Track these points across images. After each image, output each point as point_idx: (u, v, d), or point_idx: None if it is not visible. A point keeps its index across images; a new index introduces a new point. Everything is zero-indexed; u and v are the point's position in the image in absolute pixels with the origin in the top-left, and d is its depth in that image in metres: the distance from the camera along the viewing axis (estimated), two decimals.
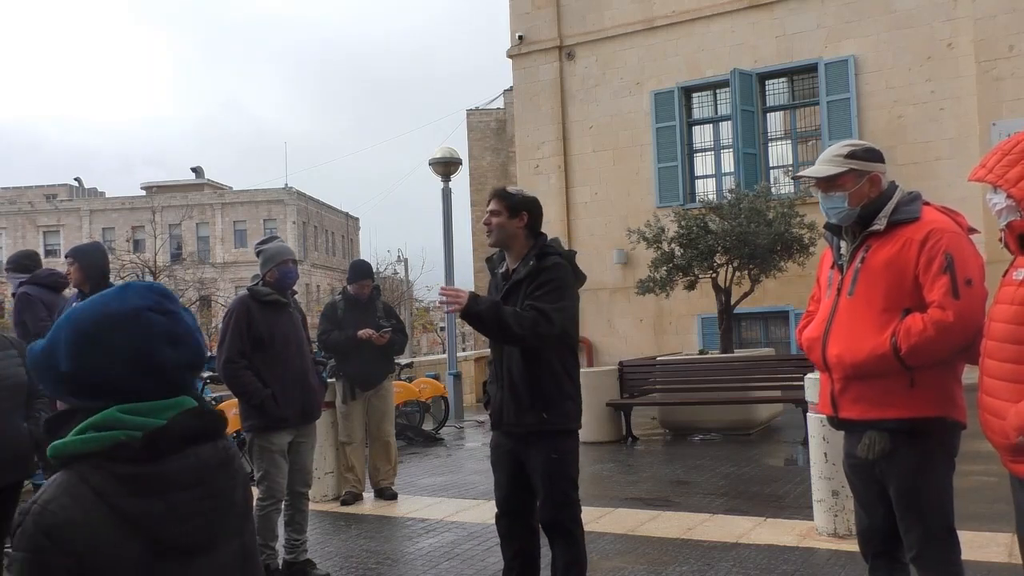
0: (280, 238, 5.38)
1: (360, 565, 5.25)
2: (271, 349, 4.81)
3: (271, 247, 5.01)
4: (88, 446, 1.43)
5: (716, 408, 9.71)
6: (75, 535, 1.38)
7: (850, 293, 2.93)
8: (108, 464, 1.42)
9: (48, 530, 1.37)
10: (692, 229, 10.73)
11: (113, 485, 1.41)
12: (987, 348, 2.56)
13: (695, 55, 14.84)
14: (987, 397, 2.55)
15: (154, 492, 1.44)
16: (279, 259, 4.93)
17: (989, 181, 2.53)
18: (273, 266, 4.92)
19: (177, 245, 51.59)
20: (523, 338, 3.54)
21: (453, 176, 13.08)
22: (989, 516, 5.14)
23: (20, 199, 56.38)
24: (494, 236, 3.73)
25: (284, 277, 4.94)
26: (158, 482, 1.45)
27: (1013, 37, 12.34)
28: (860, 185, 2.95)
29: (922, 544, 2.87)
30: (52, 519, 1.37)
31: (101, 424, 1.45)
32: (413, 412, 10.81)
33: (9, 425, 3.94)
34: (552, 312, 3.53)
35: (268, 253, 4.95)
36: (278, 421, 4.78)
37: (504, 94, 27.47)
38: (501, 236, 3.72)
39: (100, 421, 1.45)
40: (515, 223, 3.70)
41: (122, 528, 1.41)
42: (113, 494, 1.41)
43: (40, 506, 1.39)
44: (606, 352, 15.20)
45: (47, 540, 1.36)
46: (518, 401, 3.65)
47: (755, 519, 5.68)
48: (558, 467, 3.65)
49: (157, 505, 1.44)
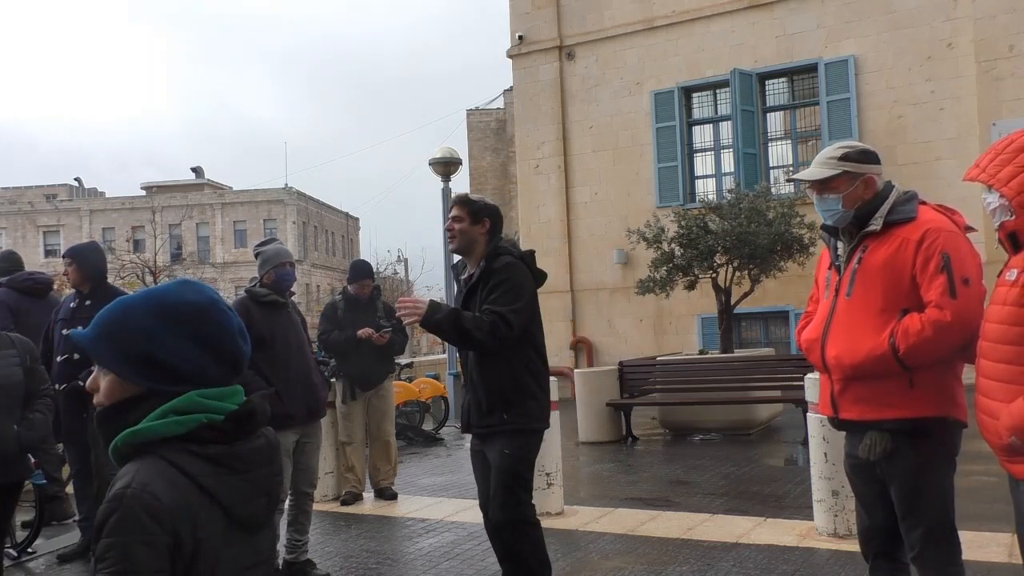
0: (279, 240, 5.39)
1: (360, 565, 5.26)
2: (272, 349, 4.80)
3: (269, 249, 5.02)
4: (173, 429, 1.49)
5: (716, 408, 9.71)
6: (177, 516, 1.43)
7: (848, 294, 2.93)
8: (194, 446, 1.49)
9: (154, 513, 1.41)
10: (692, 229, 10.74)
11: (200, 465, 1.49)
12: (982, 349, 2.56)
13: (695, 55, 14.84)
14: (983, 398, 2.55)
15: (237, 470, 1.53)
16: (276, 261, 4.94)
17: (982, 180, 2.53)
18: (270, 268, 4.93)
19: (177, 245, 51.60)
20: (483, 342, 3.59)
21: (453, 176, 13.08)
22: (989, 516, 5.14)
23: (20, 199, 56.38)
24: (456, 242, 3.81)
25: (281, 279, 4.95)
26: (241, 461, 1.54)
27: (1013, 37, 12.34)
28: (854, 187, 2.94)
29: (923, 544, 2.87)
30: (155, 502, 1.42)
31: (183, 408, 1.51)
32: (413, 412, 10.82)
33: (2, 426, 3.95)
34: (509, 314, 3.58)
35: (265, 255, 4.97)
36: (284, 419, 4.73)
37: (504, 94, 27.48)
38: (463, 242, 3.79)
39: (182, 405, 1.51)
40: (477, 229, 3.77)
41: (212, 506, 1.48)
42: (200, 474, 1.48)
43: (137, 490, 1.42)
44: (606, 352, 15.20)
45: (155, 523, 1.41)
46: (479, 403, 3.72)
47: (755, 519, 5.69)
48: (508, 464, 3.65)
49: (239, 482, 1.53)
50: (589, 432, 9.71)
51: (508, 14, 16.55)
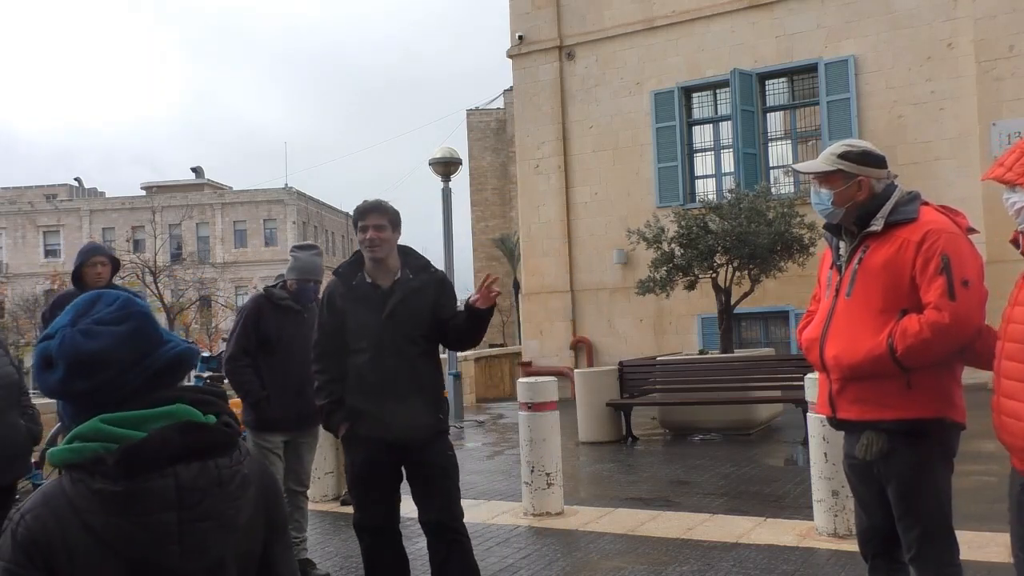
0: (318, 249, 5.19)
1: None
2: (273, 353, 4.80)
3: (303, 258, 4.92)
4: (66, 457, 1.38)
5: (716, 408, 9.71)
6: (50, 549, 1.34)
7: (848, 294, 2.93)
8: (87, 478, 1.36)
9: (22, 544, 1.34)
10: (692, 229, 10.74)
11: (87, 500, 1.35)
12: (1007, 350, 2.52)
13: (695, 55, 14.84)
14: (1005, 399, 2.52)
15: (127, 511, 1.35)
16: (303, 276, 4.87)
17: (1008, 180, 2.50)
18: (295, 278, 4.89)
19: (177, 245, 51.56)
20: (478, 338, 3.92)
21: (453, 176, 13.09)
22: (989, 516, 5.13)
23: (20, 199, 56.35)
24: (382, 251, 3.76)
25: (300, 293, 4.90)
26: (132, 501, 1.35)
27: (1013, 37, 12.34)
28: (847, 187, 2.94)
29: (920, 544, 2.87)
30: (27, 531, 1.35)
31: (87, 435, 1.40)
32: None
33: (5, 423, 3.95)
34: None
35: (296, 263, 4.90)
36: (270, 423, 4.78)
37: (504, 94, 27.51)
38: (387, 250, 3.78)
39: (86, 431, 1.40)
40: (396, 236, 3.82)
41: (101, 547, 1.35)
42: (86, 510, 1.35)
43: (20, 515, 1.37)
44: (606, 352, 15.20)
45: (22, 554, 1.34)
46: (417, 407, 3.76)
47: (755, 519, 5.69)
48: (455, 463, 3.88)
49: (129, 525, 1.35)
50: (589, 432, 9.71)
51: (508, 14, 16.56)
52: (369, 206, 3.80)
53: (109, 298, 1.53)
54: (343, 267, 3.92)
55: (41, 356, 1.47)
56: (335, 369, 3.79)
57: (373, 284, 3.79)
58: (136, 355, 1.47)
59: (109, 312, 1.49)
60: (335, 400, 3.79)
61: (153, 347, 1.50)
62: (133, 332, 1.48)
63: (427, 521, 3.78)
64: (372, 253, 3.76)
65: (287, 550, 1.61)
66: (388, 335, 3.69)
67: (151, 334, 1.51)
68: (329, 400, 3.81)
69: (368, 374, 3.71)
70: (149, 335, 1.51)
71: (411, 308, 3.73)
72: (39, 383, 1.48)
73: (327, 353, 3.83)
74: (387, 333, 3.69)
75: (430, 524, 3.78)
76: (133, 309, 1.51)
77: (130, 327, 1.49)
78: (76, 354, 1.44)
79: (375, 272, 3.80)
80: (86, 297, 1.54)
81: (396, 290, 3.76)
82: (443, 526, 3.76)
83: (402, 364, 3.71)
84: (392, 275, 3.79)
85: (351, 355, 3.76)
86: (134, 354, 1.47)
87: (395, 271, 3.81)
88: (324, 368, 3.84)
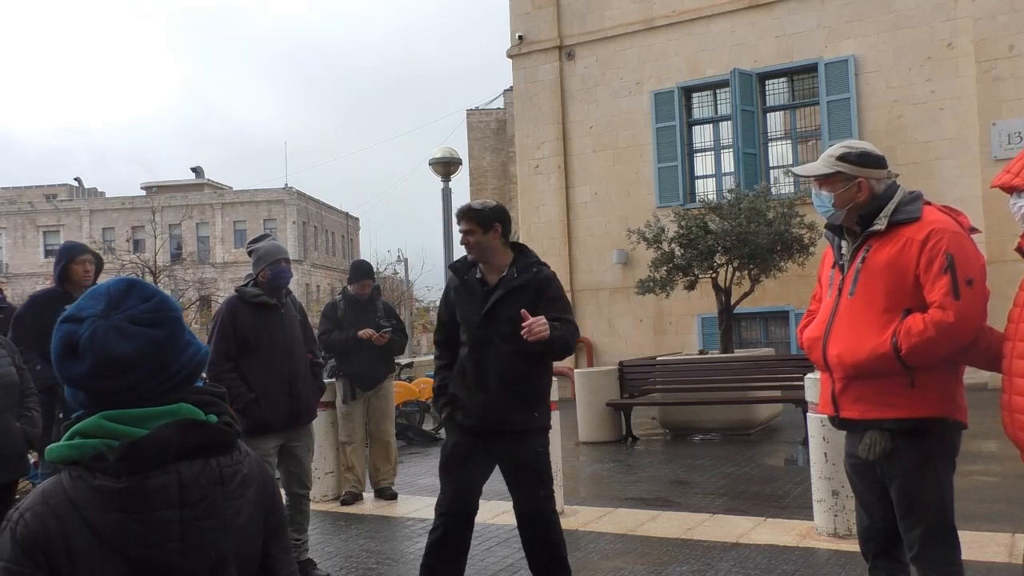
0: (272, 236, 5.21)
1: (360, 565, 5.25)
2: (254, 354, 4.72)
3: (263, 246, 4.88)
4: (66, 454, 1.37)
5: (716, 408, 9.71)
6: (50, 547, 1.33)
7: (851, 293, 2.93)
8: (87, 475, 1.34)
9: (22, 542, 1.33)
10: (692, 229, 10.74)
11: (87, 498, 1.34)
12: (1017, 350, 2.53)
13: (695, 55, 14.84)
14: (1017, 397, 2.53)
15: (128, 508, 1.34)
16: (271, 258, 4.81)
17: (1016, 185, 2.52)
18: (265, 266, 4.80)
19: (177, 245, 51.56)
20: (572, 349, 3.88)
21: (453, 176, 13.08)
22: (989, 516, 5.14)
23: (20, 199, 56.35)
24: (475, 253, 3.89)
25: (276, 277, 4.82)
26: (133, 498, 1.34)
27: (1013, 37, 12.35)
28: (847, 189, 2.95)
29: (922, 544, 2.86)
30: (26, 529, 1.33)
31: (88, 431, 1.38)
32: (413, 412, 10.81)
33: (2, 424, 3.94)
34: (574, 321, 3.92)
35: (260, 252, 4.84)
36: (261, 426, 4.65)
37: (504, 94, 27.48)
38: (481, 252, 3.87)
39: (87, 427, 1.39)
40: (491, 237, 3.85)
41: (99, 543, 1.33)
42: (87, 507, 1.33)
43: (19, 513, 1.36)
44: (606, 352, 15.20)
45: (21, 552, 1.32)
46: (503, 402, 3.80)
47: (755, 519, 5.68)
48: (544, 461, 3.91)
49: (131, 522, 1.34)
50: (589, 432, 9.71)
51: (508, 14, 16.56)
52: (458, 212, 3.93)
53: (145, 292, 1.48)
54: (459, 262, 4.05)
55: (64, 342, 1.42)
56: (447, 356, 4.04)
57: (482, 280, 3.92)
58: (165, 362, 1.44)
59: (145, 310, 1.45)
60: (442, 385, 4.03)
61: (179, 354, 1.47)
62: (167, 340, 1.46)
63: (515, 509, 3.96)
64: (468, 255, 3.95)
65: (286, 552, 1.60)
66: (484, 330, 3.81)
67: (181, 341, 1.48)
68: (438, 385, 4.07)
69: (466, 365, 3.88)
70: (179, 343, 1.48)
71: (509, 306, 3.77)
72: (58, 370, 1.43)
73: (441, 342, 4.09)
74: (483, 328, 3.81)
75: (516, 512, 3.96)
76: (169, 313, 1.48)
77: (165, 333, 1.45)
78: (107, 353, 1.40)
79: (485, 268, 3.93)
80: (118, 284, 1.48)
81: (499, 287, 3.85)
82: (524, 515, 3.92)
83: (495, 360, 3.80)
84: (499, 272, 3.89)
85: (462, 346, 3.95)
86: (163, 361, 1.44)
87: (502, 268, 3.88)
88: (440, 355, 4.12)
